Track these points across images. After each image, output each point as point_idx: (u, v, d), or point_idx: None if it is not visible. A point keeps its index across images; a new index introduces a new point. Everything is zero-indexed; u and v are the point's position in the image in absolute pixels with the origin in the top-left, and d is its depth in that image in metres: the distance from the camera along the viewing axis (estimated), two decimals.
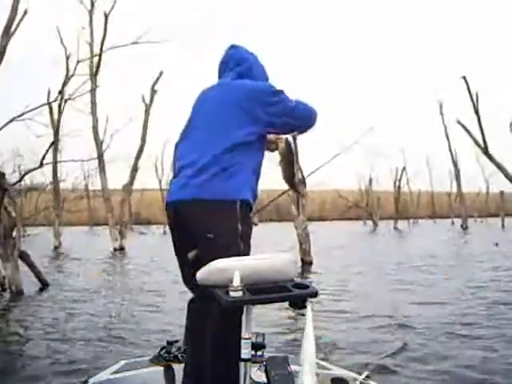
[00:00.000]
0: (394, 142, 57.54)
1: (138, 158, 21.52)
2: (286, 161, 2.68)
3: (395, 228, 35.93)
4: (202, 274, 2.10)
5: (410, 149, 60.55)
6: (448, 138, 35.54)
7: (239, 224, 2.32)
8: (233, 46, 2.70)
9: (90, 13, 22.24)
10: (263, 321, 5.47)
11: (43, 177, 28.41)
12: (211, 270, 2.07)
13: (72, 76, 14.76)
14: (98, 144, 21.01)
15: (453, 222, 41.14)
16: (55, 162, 21.18)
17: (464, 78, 18.83)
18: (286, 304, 2.09)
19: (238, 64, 2.61)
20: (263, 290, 2.04)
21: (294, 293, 2.04)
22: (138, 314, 7.13)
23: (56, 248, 22.32)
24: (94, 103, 21.16)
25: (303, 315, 2.01)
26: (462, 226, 35.47)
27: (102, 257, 17.25)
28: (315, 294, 2.06)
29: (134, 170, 21.63)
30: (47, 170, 26.18)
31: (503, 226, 36.17)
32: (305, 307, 2.05)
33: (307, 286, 2.09)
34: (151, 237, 32.24)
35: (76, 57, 21.29)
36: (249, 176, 2.41)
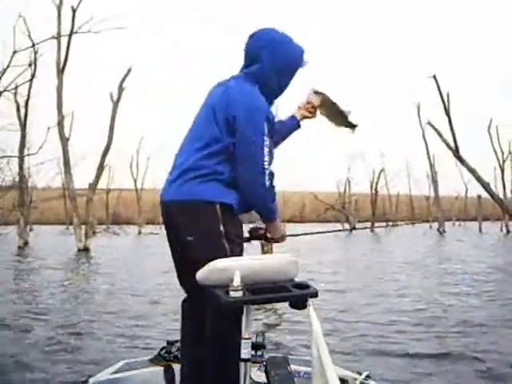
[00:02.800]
0: (374, 144, 57.42)
1: (104, 156, 20.96)
2: (331, 109, 2.64)
3: (371, 231, 35.64)
4: (201, 274, 2.08)
5: (390, 151, 60.67)
6: (425, 141, 35.15)
7: (221, 225, 2.28)
8: (254, 34, 2.49)
9: (59, 7, 21.71)
10: None
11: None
12: (211, 270, 2.06)
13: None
14: (64, 141, 20.47)
15: (430, 226, 40.99)
16: (19, 157, 20.58)
17: (434, 76, 18.26)
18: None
19: (251, 62, 2.45)
20: (263, 290, 2.04)
21: (293, 293, 2.03)
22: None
23: (20, 248, 21.79)
24: (59, 98, 20.60)
25: None
26: (438, 229, 35.24)
27: (63, 258, 16.75)
28: (315, 294, 2.03)
29: (100, 168, 21.10)
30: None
31: (480, 230, 36.13)
32: (305, 307, 2.02)
33: (307, 286, 2.06)
34: (124, 237, 31.87)
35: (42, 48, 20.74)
36: (227, 185, 2.34)
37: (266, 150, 2.30)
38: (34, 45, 18.39)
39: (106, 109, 21.42)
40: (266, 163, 2.30)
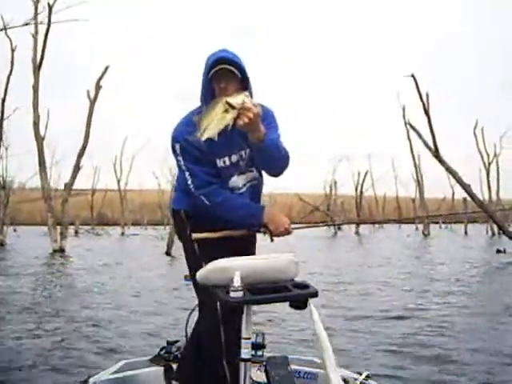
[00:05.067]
0: (362, 147, 57.49)
1: (80, 156, 20.56)
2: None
3: (356, 233, 35.43)
4: (201, 274, 2.10)
5: (376, 153, 60.60)
6: (410, 143, 34.95)
7: (188, 229, 2.45)
8: None
9: (36, 4, 21.40)
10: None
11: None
12: (211, 270, 2.07)
13: None
14: (39, 140, 20.12)
15: (417, 228, 40.88)
16: None
17: (412, 76, 18.01)
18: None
19: None
20: (263, 290, 2.03)
21: (294, 293, 2.03)
22: None
23: None
24: (35, 98, 20.29)
25: None
26: (423, 232, 34.94)
27: (33, 258, 16.40)
28: (315, 294, 2.03)
29: (76, 168, 20.69)
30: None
31: (466, 232, 35.98)
32: (305, 307, 2.01)
33: (307, 286, 2.06)
34: (106, 239, 31.60)
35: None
36: (187, 194, 2.45)
37: (187, 173, 2.39)
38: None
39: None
40: (190, 186, 2.39)
